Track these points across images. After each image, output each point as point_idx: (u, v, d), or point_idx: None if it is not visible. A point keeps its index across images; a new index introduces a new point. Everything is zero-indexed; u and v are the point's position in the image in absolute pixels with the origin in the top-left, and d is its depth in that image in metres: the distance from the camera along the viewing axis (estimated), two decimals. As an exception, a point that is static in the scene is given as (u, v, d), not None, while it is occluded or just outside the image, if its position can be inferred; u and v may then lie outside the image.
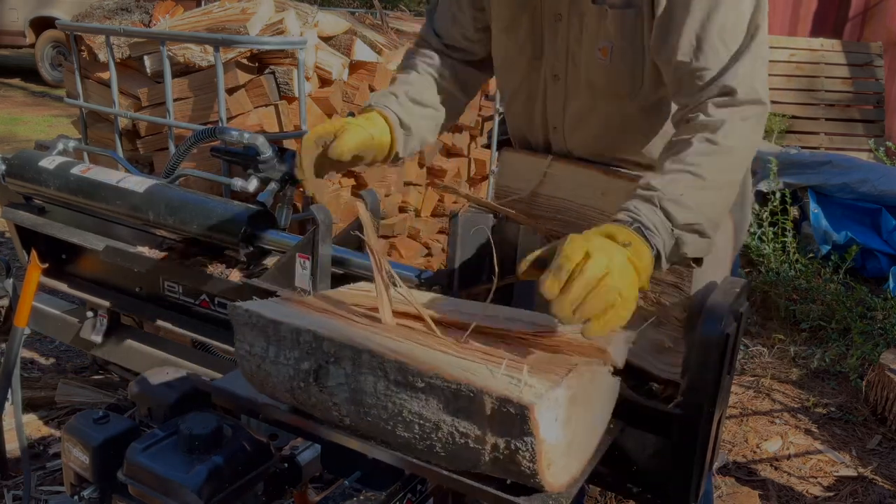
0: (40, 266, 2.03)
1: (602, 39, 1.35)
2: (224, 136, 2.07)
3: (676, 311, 1.26)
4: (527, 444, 0.89)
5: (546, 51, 1.47)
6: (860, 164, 4.93)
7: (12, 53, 11.43)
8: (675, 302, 1.25)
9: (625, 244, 1.05)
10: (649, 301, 1.29)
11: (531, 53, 1.50)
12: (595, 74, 1.40)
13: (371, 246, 1.16)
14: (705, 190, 1.16)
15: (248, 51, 2.45)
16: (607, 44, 1.34)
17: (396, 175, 2.80)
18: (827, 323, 3.83)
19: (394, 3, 9.83)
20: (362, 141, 1.39)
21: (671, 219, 1.13)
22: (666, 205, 1.13)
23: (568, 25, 1.41)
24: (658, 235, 1.11)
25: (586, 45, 1.38)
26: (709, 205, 1.17)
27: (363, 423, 1.02)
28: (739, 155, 1.21)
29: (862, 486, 2.73)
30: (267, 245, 1.81)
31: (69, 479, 1.36)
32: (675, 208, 1.13)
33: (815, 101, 6.91)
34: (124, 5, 2.87)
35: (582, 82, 1.44)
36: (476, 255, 1.43)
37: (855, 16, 7.19)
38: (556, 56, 1.46)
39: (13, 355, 2.02)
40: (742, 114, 1.20)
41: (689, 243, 1.15)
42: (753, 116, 1.22)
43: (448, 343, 1.04)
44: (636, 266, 1.04)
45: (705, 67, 1.23)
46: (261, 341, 1.08)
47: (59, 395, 2.79)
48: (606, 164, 1.47)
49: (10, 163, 2.13)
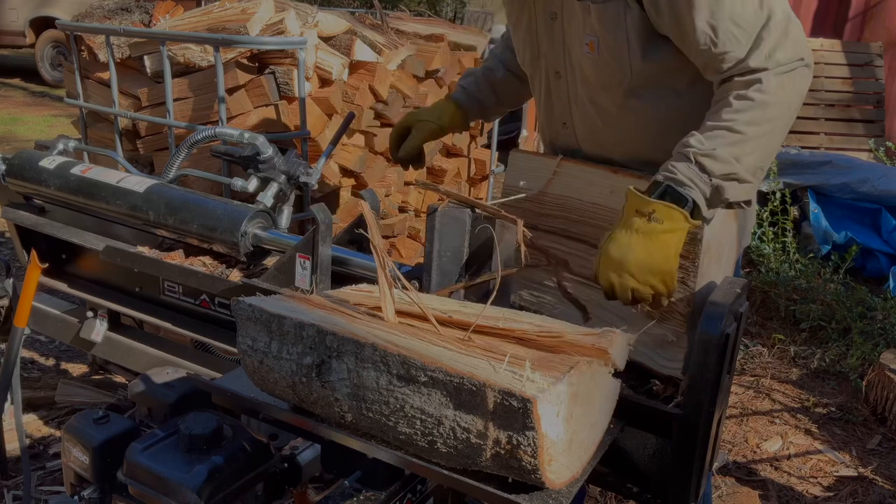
0: (40, 266, 2.03)
1: (588, 34, 1.40)
2: (224, 136, 2.07)
3: (681, 307, 1.27)
4: (528, 438, 0.89)
5: (544, 49, 1.53)
6: (860, 164, 4.93)
7: (12, 53, 11.43)
8: (680, 297, 1.26)
9: (650, 214, 1.20)
10: None
11: (532, 52, 1.55)
12: (587, 69, 1.44)
13: (375, 244, 1.16)
14: (742, 143, 1.24)
15: (248, 51, 2.44)
16: (593, 38, 1.39)
17: (396, 175, 2.80)
18: (827, 323, 3.82)
19: (394, 3, 9.83)
20: (429, 134, 1.80)
21: (707, 171, 1.23)
22: (701, 159, 1.23)
23: (562, 23, 1.45)
24: (694, 188, 1.23)
25: (576, 40, 1.43)
26: (747, 154, 1.24)
27: (364, 419, 1.02)
28: (776, 108, 1.26)
29: (862, 486, 2.73)
30: (267, 245, 1.81)
31: (69, 479, 1.36)
32: (709, 162, 1.23)
33: (815, 101, 6.91)
34: (124, 5, 2.87)
35: (578, 78, 1.48)
36: (453, 251, 1.45)
37: (855, 16, 7.19)
38: (555, 54, 1.51)
39: (13, 355, 2.02)
40: (777, 71, 1.25)
41: (729, 189, 1.24)
42: (790, 72, 1.26)
43: (451, 340, 1.05)
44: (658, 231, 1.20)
45: (728, 51, 1.27)
46: (264, 336, 1.09)
47: (58, 395, 2.79)
48: (613, 161, 1.50)
49: (11, 163, 2.13)
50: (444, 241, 1.45)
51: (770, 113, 1.25)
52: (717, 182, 1.23)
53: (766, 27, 1.25)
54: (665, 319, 1.29)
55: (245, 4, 2.53)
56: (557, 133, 1.61)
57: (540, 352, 1.03)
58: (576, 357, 1.01)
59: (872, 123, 6.94)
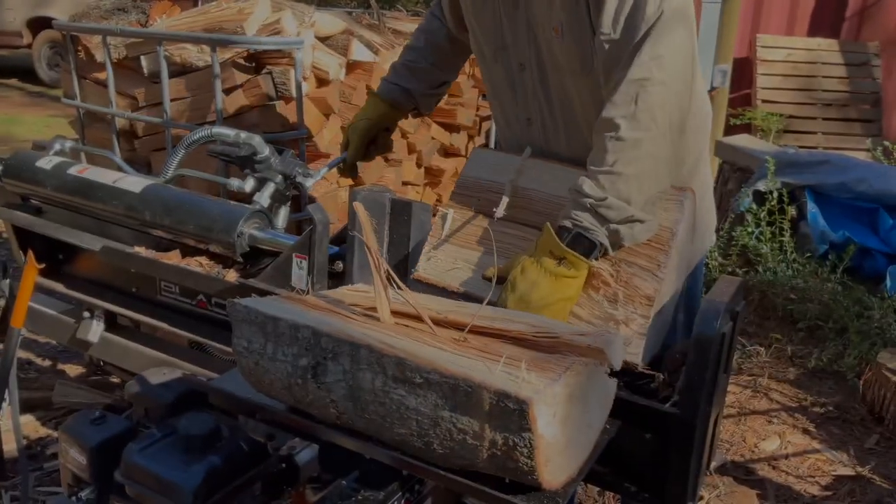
0: (37, 266, 2.03)
1: (555, 19, 1.44)
2: (221, 136, 2.07)
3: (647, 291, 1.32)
4: (525, 439, 0.89)
5: (509, 41, 1.55)
6: (857, 164, 4.94)
7: (9, 54, 11.40)
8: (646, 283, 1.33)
9: (560, 259, 1.30)
10: (621, 281, 1.35)
11: (496, 45, 1.58)
12: (556, 54, 1.48)
13: (369, 246, 1.16)
14: (628, 183, 1.30)
15: (244, 51, 2.44)
16: (558, 23, 1.43)
17: (394, 175, 2.80)
18: (824, 322, 3.83)
19: (391, 3, 9.82)
20: (363, 133, 1.92)
21: (605, 219, 1.30)
22: (598, 209, 1.30)
23: (525, 10, 1.49)
24: (598, 232, 1.31)
25: (545, 26, 1.47)
26: (635, 193, 1.30)
27: (361, 420, 1.02)
28: (649, 143, 1.31)
29: (859, 486, 2.73)
30: (264, 245, 1.81)
31: (66, 479, 1.36)
32: (605, 211, 1.30)
33: (813, 100, 6.92)
34: (121, 5, 2.86)
35: (548, 66, 1.51)
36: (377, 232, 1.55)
37: (852, 15, 7.20)
38: (519, 45, 1.54)
39: (10, 356, 2.01)
40: (644, 103, 1.29)
41: (626, 235, 1.32)
42: (656, 103, 1.30)
43: (446, 340, 1.04)
44: (564, 275, 1.30)
45: (623, 42, 1.34)
46: (259, 338, 1.08)
47: (56, 395, 2.79)
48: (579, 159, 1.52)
49: (7, 163, 2.13)
50: None
51: (645, 149, 1.31)
52: (615, 227, 1.31)
53: (649, 35, 1.32)
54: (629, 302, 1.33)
55: (242, 4, 2.52)
56: (521, 131, 1.63)
57: (536, 352, 1.03)
58: (572, 357, 1.01)
59: (870, 123, 6.95)
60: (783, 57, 6.95)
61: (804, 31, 7.26)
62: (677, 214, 1.37)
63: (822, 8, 7.25)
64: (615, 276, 1.35)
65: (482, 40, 1.61)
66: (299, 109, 2.35)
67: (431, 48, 1.90)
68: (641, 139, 1.30)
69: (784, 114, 6.79)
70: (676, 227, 1.35)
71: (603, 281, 1.35)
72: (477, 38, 1.63)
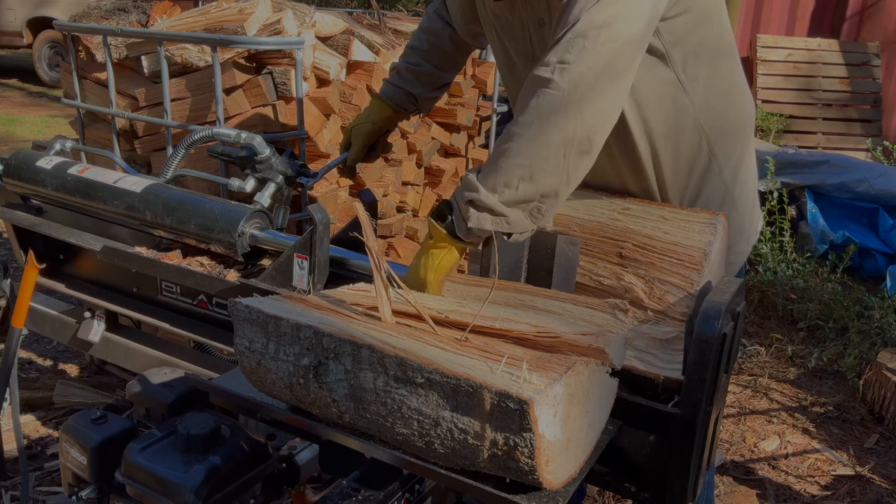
0: (38, 266, 2.03)
1: (541, 13, 1.46)
2: (221, 137, 2.07)
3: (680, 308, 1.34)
4: (525, 439, 0.89)
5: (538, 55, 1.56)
6: (857, 164, 4.94)
7: (10, 54, 11.43)
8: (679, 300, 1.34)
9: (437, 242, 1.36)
10: (654, 298, 1.37)
11: (526, 58, 1.57)
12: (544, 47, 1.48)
13: (370, 246, 1.16)
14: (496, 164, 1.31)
15: (245, 51, 2.44)
16: (545, 15, 1.46)
17: (394, 175, 2.80)
18: (824, 322, 3.83)
19: (391, 3, 9.83)
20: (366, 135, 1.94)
21: (461, 191, 1.33)
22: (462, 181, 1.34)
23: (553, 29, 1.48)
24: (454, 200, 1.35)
25: (535, 19, 1.49)
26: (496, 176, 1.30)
27: (362, 420, 1.02)
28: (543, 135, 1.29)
29: (859, 485, 2.73)
30: (264, 245, 1.81)
31: (67, 479, 1.36)
32: (462, 185, 1.33)
33: (813, 100, 6.93)
34: (122, 5, 2.86)
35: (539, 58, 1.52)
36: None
37: (852, 15, 7.20)
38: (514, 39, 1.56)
39: (11, 356, 2.02)
40: (542, 100, 1.28)
41: (472, 216, 1.32)
42: (548, 103, 1.28)
43: (447, 341, 1.04)
44: (431, 246, 1.37)
45: None
46: (261, 337, 1.08)
47: (56, 395, 2.79)
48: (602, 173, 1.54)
49: (8, 163, 2.13)
50: None
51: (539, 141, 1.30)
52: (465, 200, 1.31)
53: None
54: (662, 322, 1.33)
55: (242, 5, 2.53)
56: None
57: (537, 352, 1.03)
58: (573, 357, 1.01)
59: (870, 123, 6.96)
60: (783, 57, 6.95)
61: (804, 31, 7.27)
62: (710, 237, 1.45)
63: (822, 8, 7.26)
64: (648, 293, 1.41)
65: (512, 50, 1.60)
66: (300, 109, 2.36)
67: (434, 50, 1.90)
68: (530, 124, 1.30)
69: (784, 114, 6.79)
70: (710, 248, 1.42)
71: (636, 297, 1.38)
72: (505, 46, 1.62)
